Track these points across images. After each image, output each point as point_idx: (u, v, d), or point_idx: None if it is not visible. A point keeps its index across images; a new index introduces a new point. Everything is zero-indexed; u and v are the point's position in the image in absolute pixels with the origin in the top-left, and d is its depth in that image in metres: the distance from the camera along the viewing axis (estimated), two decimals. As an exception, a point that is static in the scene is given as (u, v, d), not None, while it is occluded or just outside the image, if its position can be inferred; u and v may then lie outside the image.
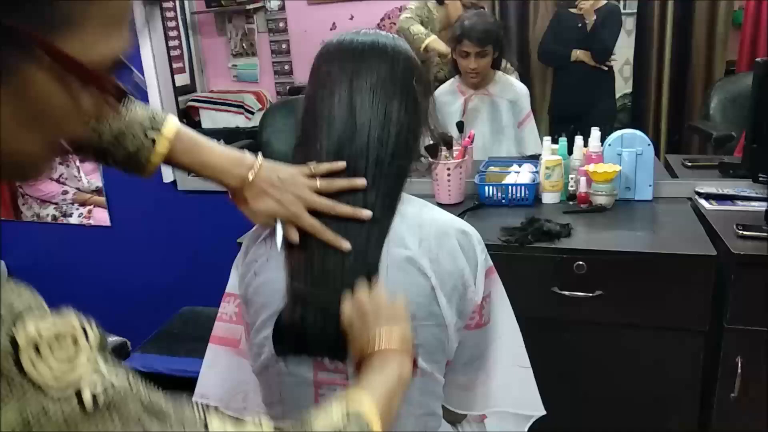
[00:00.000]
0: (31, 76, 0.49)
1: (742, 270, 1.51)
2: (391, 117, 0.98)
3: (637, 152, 1.88)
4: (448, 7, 2.60)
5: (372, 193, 0.97)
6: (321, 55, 1.04)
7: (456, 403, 1.16)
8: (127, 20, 0.55)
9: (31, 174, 0.57)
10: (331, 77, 1.00)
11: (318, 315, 0.94)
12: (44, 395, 0.46)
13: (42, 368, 0.46)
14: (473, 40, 2.27)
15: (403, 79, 1.01)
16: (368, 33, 1.03)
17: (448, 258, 1.01)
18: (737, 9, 2.82)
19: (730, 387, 1.56)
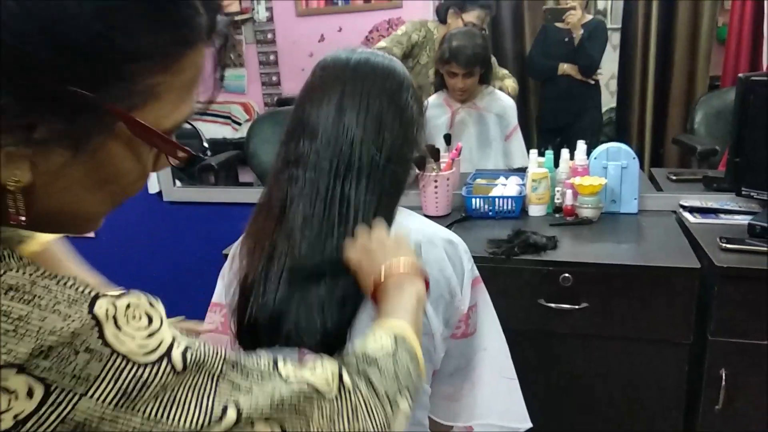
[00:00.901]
0: (107, 145, 0.51)
1: (726, 282, 1.52)
2: (385, 125, 0.99)
3: (623, 165, 1.90)
4: (449, 27, 2.61)
5: (371, 199, 0.97)
6: (316, 70, 1.05)
7: (442, 414, 1.15)
8: (198, 85, 0.56)
9: (87, 230, 0.59)
10: (325, 88, 1.00)
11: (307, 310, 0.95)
12: (135, 364, 0.48)
13: (125, 339, 0.48)
14: (461, 63, 2.29)
15: (397, 92, 1.01)
16: (364, 51, 1.05)
17: (434, 267, 1.01)
18: (721, 25, 2.87)
19: (715, 399, 1.57)
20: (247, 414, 0.53)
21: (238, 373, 0.55)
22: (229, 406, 0.52)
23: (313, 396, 0.60)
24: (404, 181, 1.04)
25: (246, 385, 0.55)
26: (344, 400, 0.63)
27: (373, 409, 0.66)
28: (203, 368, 0.52)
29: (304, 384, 0.60)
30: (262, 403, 0.55)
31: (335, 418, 0.62)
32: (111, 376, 0.47)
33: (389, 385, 0.69)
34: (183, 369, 0.51)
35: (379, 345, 0.73)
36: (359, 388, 0.66)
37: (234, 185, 3.08)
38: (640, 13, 2.88)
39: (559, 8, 2.76)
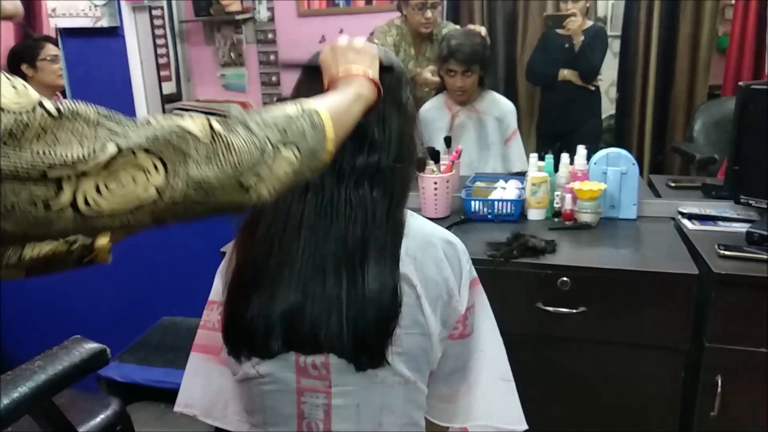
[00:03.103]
0: None
1: (723, 289, 1.52)
2: (390, 123, 0.99)
3: (622, 171, 1.90)
4: (407, 16, 2.63)
5: (383, 198, 0.97)
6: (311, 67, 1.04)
7: (438, 415, 1.15)
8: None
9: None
10: (322, 88, 1.00)
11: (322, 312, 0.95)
12: (11, 112, 0.55)
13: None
14: (459, 60, 2.29)
15: (396, 88, 1.01)
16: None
17: (433, 267, 1.01)
18: (722, 34, 2.88)
19: (710, 405, 1.57)
20: (126, 146, 0.59)
21: (113, 122, 0.61)
22: (108, 143, 0.59)
23: (186, 136, 0.64)
24: (411, 180, 1.04)
25: (122, 129, 0.61)
26: (218, 141, 0.66)
27: (248, 146, 0.68)
28: (78, 116, 0.59)
29: (175, 125, 0.64)
30: (138, 139, 0.61)
31: (212, 156, 0.65)
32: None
33: (271, 133, 0.71)
34: (59, 115, 0.57)
35: (278, 108, 0.76)
36: (234, 130, 0.69)
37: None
38: (641, 21, 2.89)
39: (560, 15, 2.76)
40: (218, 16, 3.58)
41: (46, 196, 0.56)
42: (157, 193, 0.62)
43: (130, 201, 0.61)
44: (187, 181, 0.63)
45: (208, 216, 0.70)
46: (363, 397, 1.00)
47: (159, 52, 2.80)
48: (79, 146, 0.57)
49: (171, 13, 3.60)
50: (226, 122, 0.69)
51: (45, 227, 0.58)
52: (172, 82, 3.62)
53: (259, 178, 0.69)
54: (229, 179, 0.66)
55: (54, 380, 1.23)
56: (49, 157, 0.55)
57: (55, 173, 0.56)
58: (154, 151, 0.61)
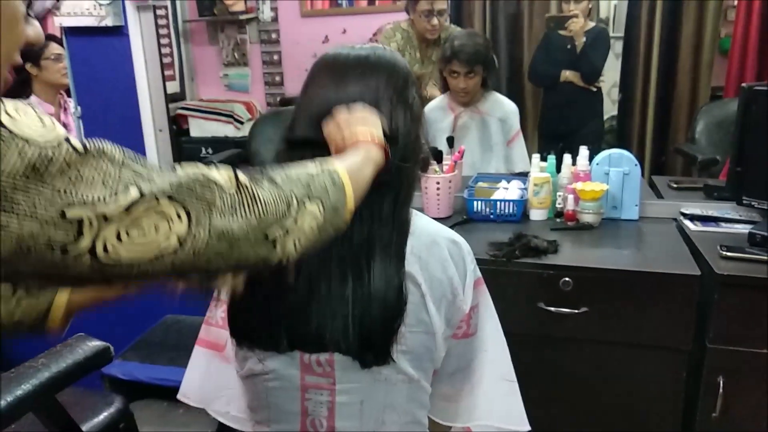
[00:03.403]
0: None
1: (726, 290, 1.52)
2: (396, 123, 0.99)
3: (624, 172, 1.90)
4: (413, 21, 2.64)
5: (389, 196, 0.98)
6: (317, 67, 1.04)
7: (441, 415, 1.16)
8: None
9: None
10: (328, 87, 1.00)
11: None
12: (37, 145, 0.53)
13: (22, 126, 0.53)
14: (462, 61, 2.30)
15: (403, 88, 1.02)
16: (364, 47, 1.05)
17: (437, 266, 1.02)
18: (724, 36, 2.88)
19: (712, 406, 1.57)
20: (149, 191, 0.58)
21: (138, 164, 0.60)
22: (131, 186, 0.57)
23: (211, 185, 0.63)
24: (417, 179, 1.05)
25: (147, 172, 0.59)
26: (243, 193, 0.65)
27: (273, 197, 0.68)
28: (104, 154, 0.57)
29: (200, 174, 0.63)
30: (162, 185, 0.59)
31: (237, 206, 0.64)
32: (17, 153, 0.51)
33: (296, 188, 0.71)
34: (84, 151, 0.55)
35: (300, 167, 0.76)
36: (260, 183, 0.68)
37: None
38: (643, 22, 2.89)
39: (562, 16, 2.77)
40: (222, 16, 3.60)
41: (65, 241, 0.54)
42: (179, 242, 0.60)
43: (151, 249, 0.59)
44: (211, 230, 0.62)
45: (232, 272, 0.68)
46: (367, 394, 1.01)
47: (163, 52, 2.80)
48: (102, 186, 0.55)
49: (175, 13, 3.62)
50: (252, 175, 0.69)
51: (60, 272, 0.56)
52: (176, 81, 3.63)
53: (286, 232, 0.68)
54: (254, 231, 0.65)
55: (57, 378, 1.24)
56: (70, 196, 0.54)
57: (75, 213, 0.54)
58: (178, 198, 0.60)
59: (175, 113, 3.50)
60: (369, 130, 0.92)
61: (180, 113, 3.55)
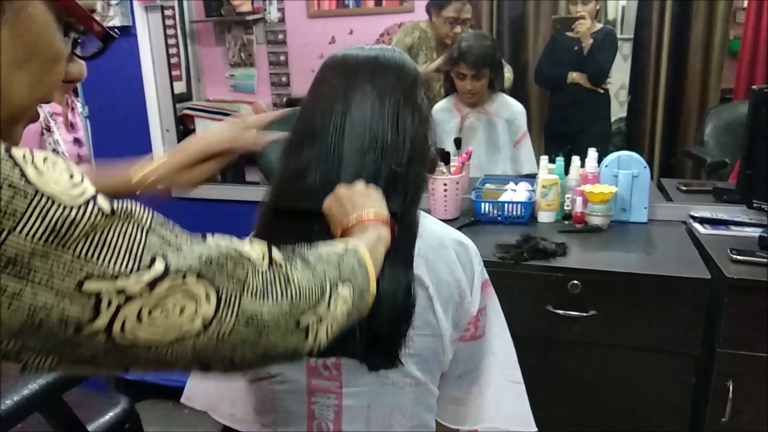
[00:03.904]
0: (30, 5, 0.52)
1: (736, 294, 1.51)
2: (405, 125, 0.98)
3: (633, 174, 1.89)
4: (434, 24, 2.63)
5: (397, 198, 0.97)
6: (326, 68, 1.04)
7: (448, 417, 1.15)
8: None
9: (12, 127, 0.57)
10: (337, 88, 1.00)
11: None
12: (61, 205, 0.47)
13: (48, 182, 0.47)
14: (469, 63, 2.29)
15: (412, 90, 1.01)
16: (373, 47, 1.04)
17: (445, 268, 1.01)
18: (733, 38, 2.86)
19: (721, 411, 1.56)
20: (175, 266, 0.53)
21: (167, 230, 0.55)
22: (157, 257, 0.52)
23: (243, 262, 0.58)
24: (425, 180, 1.04)
25: (175, 241, 0.54)
26: (275, 272, 0.61)
27: (308, 280, 0.64)
28: (132, 218, 0.52)
29: (233, 248, 0.59)
30: (191, 259, 0.54)
31: (269, 288, 0.59)
32: (38, 213, 0.46)
33: (329, 269, 0.68)
34: (111, 213, 0.50)
35: (326, 246, 0.73)
36: (293, 263, 0.65)
37: (240, 183, 3.08)
38: (653, 24, 2.88)
39: (569, 18, 2.76)
40: (229, 17, 3.60)
41: (80, 317, 0.48)
42: (203, 325, 0.54)
43: (172, 331, 0.53)
44: (239, 314, 0.56)
45: (257, 364, 0.62)
46: (374, 398, 1.00)
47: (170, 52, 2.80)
48: (126, 254, 0.50)
49: (182, 13, 3.62)
50: (285, 253, 0.65)
51: (70, 351, 0.50)
52: (183, 81, 3.64)
53: (319, 319, 0.64)
54: (286, 317, 0.60)
55: (64, 378, 1.23)
56: (90, 264, 0.48)
57: (93, 286, 0.48)
58: (207, 276, 0.55)
59: (181, 113, 3.50)
60: (374, 209, 0.90)
61: (186, 113, 3.55)
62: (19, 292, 0.46)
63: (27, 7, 0.51)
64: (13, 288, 0.46)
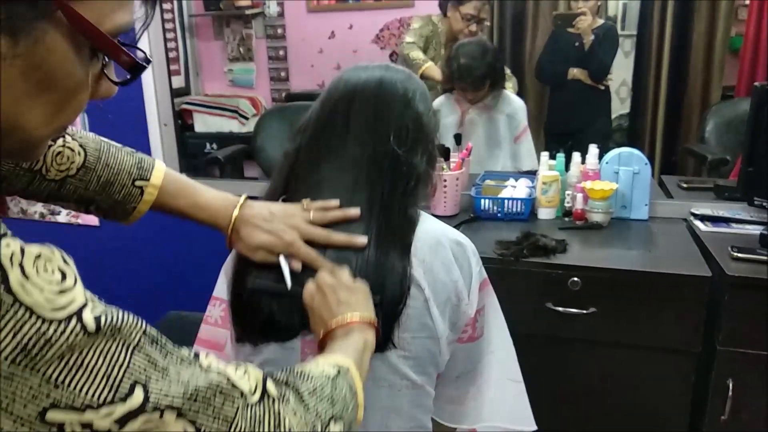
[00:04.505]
0: (47, 37, 0.48)
1: (737, 292, 1.50)
2: (417, 145, 0.99)
3: (634, 171, 1.88)
4: (450, 19, 2.62)
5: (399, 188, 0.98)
6: (332, 96, 1.02)
7: (446, 417, 1.14)
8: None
9: (29, 153, 0.55)
10: (343, 116, 0.99)
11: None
12: (39, 318, 0.43)
13: (32, 289, 0.43)
14: (469, 85, 2.30)
15: (422, 107, 1.01)
16: (379, 67, 1.03)
17: (441, 269, 1.00)
18: (735, 35, 2.85)
19: (721, 409, 1.55)
20: (155, 399, 0.48)
21: (156, 349, 0.51)
22: (137, 384, 0.48)
23: (233, 394, 0.55)
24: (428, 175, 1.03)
25: (162, 363, 0.50)
26: (267, 407, 0.58)
27: (299, 421, 0.60)
28: (118, 335, 0.48)
29: (224, 378, 0.55)
30: (174, 391, 0.50)
31: (256, 427, 0.56)
32: (10, 328, 0.42)
33: (321, 406, 0.65)
34: (96, 331, 0.46)
35: (318, 369, 0.70)
36: (286, 398, 0.61)
37: (239, 179, 3.07)
38: (655, 21, 2.87)
39: (570, 14, 2.75)
40: (228, 11, 3.59)
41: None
42: None
43: None
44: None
45: None
46: (370, 399, 0.99)
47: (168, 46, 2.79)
48: (102, 379, 0.46)
49: (181, 7, 3.61)
50: (279, 386, 0.62)
51: None
52: (181, 76, 3.62)
53: None
54: None
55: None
56: (58, 391, 0.44)
57: (56, 417, 0.44)
58: (189, 414, 0.51)
59: (179, 108, 3.49)
60: (359, 312, 0.86)
61: (185, 108, 3.55)
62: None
63: (44, 38, 0.48)
64: None
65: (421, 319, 0.97)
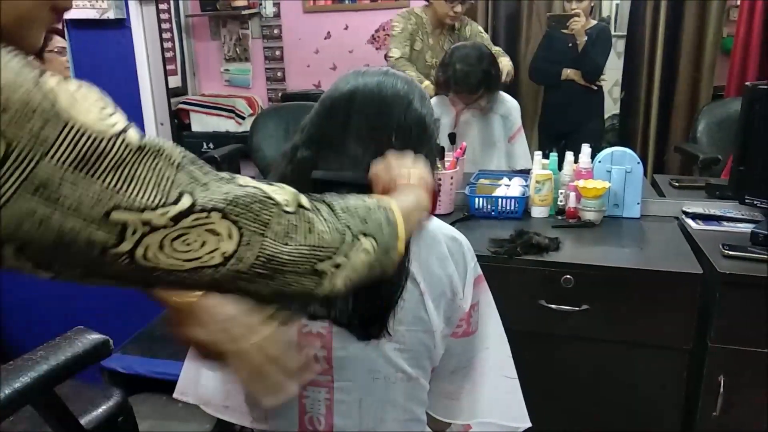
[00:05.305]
0: None
1: (728, 289, 1.51)
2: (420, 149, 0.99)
3: (627, 170, 1.90)
4: (433, 6, 2.63)
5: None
6: (332, 96, 1.02)
7: (441, 412, 1.15)
8: None
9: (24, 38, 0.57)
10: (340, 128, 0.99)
11: None
12: (92, 134, 0.49)
13: (81, 109, 0.49)
14: (464, 91, 2.30)
15: (423, 112, 1.01)
16: (376, 74, 1.03)
17: (437, 264, 1.01)
18: (726, 36, 2.87)
19: (712, 405, 1.57)
20: (202, 203, 0.54)
21: (196, 167, 0.56)
22: (185, 194, 0.53)
23: (269, 203, 0.60)
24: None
25: (204, 179, 0.56)
26: (300, 217, 0.62)
27: (330, 228, 0.65)
28: (162, 153, 0.53)
29: (260, 190, 0.60)
30: (217, 198, 0.56)
31: (291, 232, 0.61)
32: (69, 141, 0.48)
33: (353, 221, 0.68)
34: (141, 148, 0.52)
35: (360, 201, 0.73)
36: (319, 209, 0.66)
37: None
38: (647, 22, 2.89)
39: (564, 15, 2.76)
40: (224, 11, 3.59)
41: (105, 242, 0.51)
42: (223, 260, 0.57)
43: (191, 262, 0.55)
44: (259, 254, 0.58)
45: (271, 299, 0.64)
46: (365, 392, 1.00)
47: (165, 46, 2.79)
48: (154, 188, 0.52)
49: (177, 7, 3.61)
50: (312, 199, 0.66)
51: (98, 269, 0.53)
52: (178, 76, 3.62)
53: (336, 266, 0.65)
54: (304, 261, 0.62)
55: (56, 371, 1.23)
56: (118, 195, 0.50)
57: (120, 216, 0.50)
58: (232, 215, 0.56)
59: (176, 108, 3.49)
60: (420, 173, 0.90)
61: (181, 108, 3.55)
62: (49, 215, 0.48)
63: None
64: (43, 212, 0.48)
65: (416, 313, 0.99)
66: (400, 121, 0.99)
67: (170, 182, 0.53)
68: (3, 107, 0.45)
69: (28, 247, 0.49)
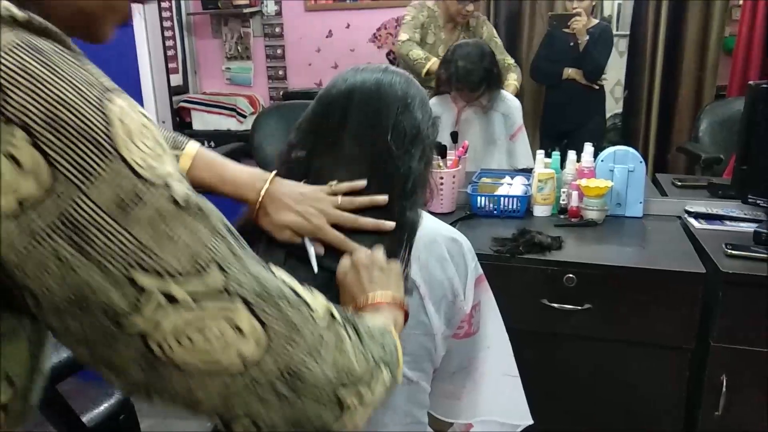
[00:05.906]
0: None
1: (730, 288, 1.51)
2: (411, 168, 0.96)
3: (629, 169, 1.89)
4: (446, 2, 2.64)
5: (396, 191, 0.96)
6: (330, 93, 1.00)
7: (443, 411, 1.15)
8: None
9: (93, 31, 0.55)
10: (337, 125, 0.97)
11: None
12: (138, 178, 0.44)
13: (133, 148, 0.44)
14: (465, 88, 2.30)
15: (422, 115, 0.98)
16: (375, 71, 1.00)
17: (437, 266, 1.00)
18: (728, 35, 2.87)
19: (715, 405, 1.56)
20: (233, 287, 0.48)
21: (234, 240, 0.51)
22: (218, 263, 0.48)
23: (302, 308, 0.53)
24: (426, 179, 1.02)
25: (239, 253, 0.50)
26: (331, 327, 0.56)
27: (357, 350, 0.58)
28: (204, 216, 0.48)
29: (292, 290, 0.54)
30: (248, 283, 0.49)
31: (319, 347, 0.53)
32: (111, 178, 0.43)
33: (376, 348, 0.63)
34: (184, 205, 0.47)
35: (372, 319, 0.71)
36: (347, 329, 0.59)
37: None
38: (649, 21, 2.89)
39: (565, 14, 2.76)
40: (226, 10, 3.59)
41: (121, 308, 0.44)
42: (242, 365, 0.48)
43: (208, 364, 0.47)
44: (282, 365, 0.50)
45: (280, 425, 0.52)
46: None
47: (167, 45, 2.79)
48: (187, 254, 0.46)
49: (179, 6, 3.61)
50: (342, 315, 0.60)
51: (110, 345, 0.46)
52: (179, 74, 3.63)
53: (360, 399, 0.57)
54: (328, 386, 0.54)
55: (58, 368, 1.23)
56: (144, 254, 0.44)
57: (142, 279, 0.44)
58: (258, 310, 0.49)
59: (178, 106, 3.49)
60: (392, 292, 0.84)
61: (183, 106, 3.55)
62: (77, 266, 0.43)
63: None
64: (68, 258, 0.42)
65: (416, 316, 0.98)
66: (397, 120, 0.96)
67: (206, 247, 0.47)
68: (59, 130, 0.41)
69: (43, 298, 0.43)
